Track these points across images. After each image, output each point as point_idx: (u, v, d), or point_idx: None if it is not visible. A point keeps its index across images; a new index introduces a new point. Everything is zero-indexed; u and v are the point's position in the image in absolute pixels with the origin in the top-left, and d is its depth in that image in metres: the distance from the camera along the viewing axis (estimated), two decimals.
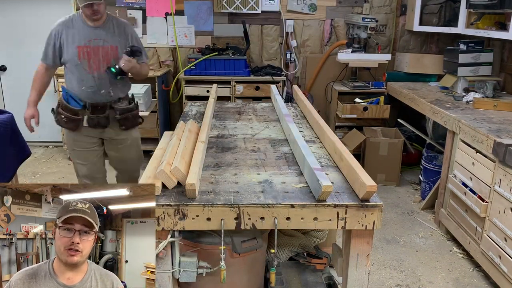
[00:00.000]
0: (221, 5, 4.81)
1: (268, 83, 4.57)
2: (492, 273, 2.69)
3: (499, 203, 2.58)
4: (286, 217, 1.60)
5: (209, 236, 1.88)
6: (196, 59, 4.62)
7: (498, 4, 3.32)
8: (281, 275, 2.32)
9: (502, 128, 2.85)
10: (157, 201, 1.58)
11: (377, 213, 1.60)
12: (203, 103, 3.21)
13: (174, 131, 2.24)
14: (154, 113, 4.68)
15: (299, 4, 4.88)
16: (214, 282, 1.80)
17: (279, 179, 1.82)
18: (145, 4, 4.88)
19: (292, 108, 3.14)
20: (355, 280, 1.70)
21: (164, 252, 1.63)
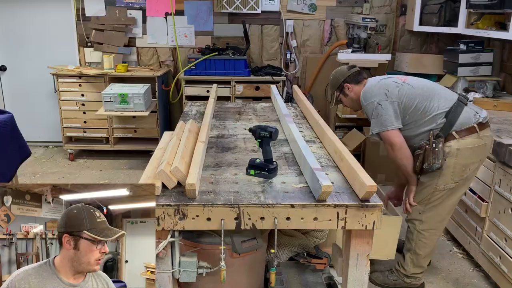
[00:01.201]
0: (221, 5, 4.81)
1: (268, 83, 4.57)
2: (492, 273, 2.69)
3: (499, 203, 2.58)
4: (286, 217, 1.60)
5: (209, 236, 1.88)
6: (196, 59, 4.62)
7: (498, 4, 3.32)
8: (281, 275, 2.33)
9: (502, 128, 2.85)
10: (157, 201, 1.58)
11: (377, 213, 1.60)
12: (203, 103, 3.21)
13: (174, 131, 2.24)
14: (154, 113, 4.68)
15: (299, 4, 4.88)
16: (214, 282, 1.80)
17: (279, 179, 1.82)
18: (145, 4, 4.88)
19: (292, 108, 3.14)
20: (355, 280, 1.70)
21: (164, 252, 1.63)
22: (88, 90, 4.70)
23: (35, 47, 5.10)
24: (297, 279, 2.33)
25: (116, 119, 4.73)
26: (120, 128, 4.78)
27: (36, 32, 5.04)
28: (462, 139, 2.29)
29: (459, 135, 2.29)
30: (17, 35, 5.05)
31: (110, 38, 4.95)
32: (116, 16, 4.91)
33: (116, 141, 4.84)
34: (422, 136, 2.35)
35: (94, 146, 4.89)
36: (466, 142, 2.30)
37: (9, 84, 5.21)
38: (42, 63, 4.93)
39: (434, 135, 2.31)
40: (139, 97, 4.29)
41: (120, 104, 4.29)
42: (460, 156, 2.30)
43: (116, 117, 4.67)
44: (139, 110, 4.34)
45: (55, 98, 4.88)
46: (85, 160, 4.90)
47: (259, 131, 1.88)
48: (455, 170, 2.32)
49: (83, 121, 4.77)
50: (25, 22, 5.01)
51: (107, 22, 4.92)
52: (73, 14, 4.93)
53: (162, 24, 4.95)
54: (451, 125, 2.29)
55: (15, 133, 2.83)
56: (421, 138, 2.36)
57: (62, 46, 5.06)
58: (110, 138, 4.80)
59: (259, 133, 1.88)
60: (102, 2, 4.88)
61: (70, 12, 4.94)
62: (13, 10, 4.97)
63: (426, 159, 2.29)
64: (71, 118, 4.76)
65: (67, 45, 5.05)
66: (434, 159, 2.27)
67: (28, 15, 4.98)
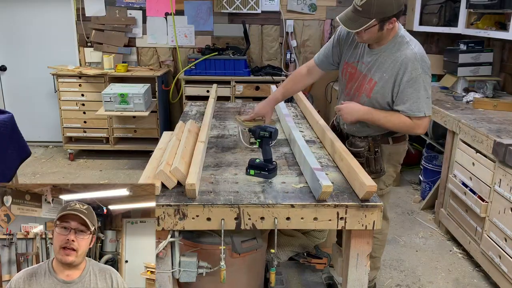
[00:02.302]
0: (221, 5, 4.81)
1: (268, 83, 4.57)
2: (492, 273, 2.69)
3: (499, 203, 2.58)
4: (286, 217, 1.60)
5: (209, 236, 1.88)
6: (196, 59, 4.62)
7: (498, 4, 3.31)
8: (281, 275, 2.33)
9: (502, 128, 2.85)
10: (157, 201, 1.58)
11: (377, 213, 1.60)
12: (203, 103, 3.21)
13: (174, 131, 2.24)
14: (154, 113, 4.68)
15: (299, 4, 4.88)
16: (214, 282, 1.80)
17: (279, 179, 1.82)
18: (145, 4, 4.88)
19: (292, 108, 3.14)
20: (355, 280, 1.70)
21: (164, 252, 1.63)
22: (88, 90, 4.70)
23: (35, 47, 5.10)
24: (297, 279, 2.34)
25: (116, 119, 4.73)
26: (120, 128, 4.78)
27: (36, 32, 5.04)
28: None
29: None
30: (17, 35, 5.05)
31: (110, 38, 4.95)
32: (116, 16, 4.91)
33: (116, 141, 4.84)
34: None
35: (94, 146, 4.89)
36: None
37: (9, 84, 5.21)
38: (42, 63, 4.93)
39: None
40: (139, 97, 4.29)
41: (120, 104, 4.29)
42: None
43: (116, 117, 4.67)
44: (139, 110, 4.34)
45: (55, 98, 4.88)
46: (85, 160, 4.90)
47: (258, 131, 1.88)
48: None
49: (83, 121, 4.77)
50: (25, 22, 5.01)
51: (107, 22, 4.92)
52: (73, 14, 4.93)
53: (162, 24, 4.95)
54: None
55: (15, 133, 2.83)
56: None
57: (62, 46, 5.06)
58: (110, 138, 4.80)
59: (258, 133, 1.88)
60: (102, 2, 4.88)
61: (70, 12, 4.94)
62: (13, 10, 4.97)
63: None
64: (71, 118, 4.76)
65: (67, 45, 5.05)
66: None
67: (28, 15, 4.98)
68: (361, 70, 2.15)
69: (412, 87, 2.00)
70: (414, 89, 2.00)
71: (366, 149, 2.19)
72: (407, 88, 2.01)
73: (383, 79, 2.06)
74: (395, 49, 2.07)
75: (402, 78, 2.01)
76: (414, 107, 2.01)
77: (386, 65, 2.06)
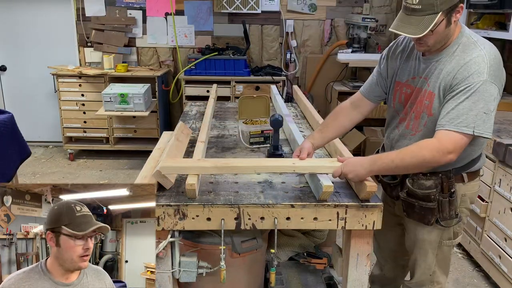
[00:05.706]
0: (221, 5, 4.81)
1: (268, 83, 4.56)
2: (492, 273, 2.69)
3: (499, 203, 2.58)
4: (286, 217, 1.60)
5: (209, 236, 1.88)
6: (196, 59, 4.62)
7: (498, 4, 3.31)
8: (281, 275, 2.32)
9: (502, 128, 2.85)
10: (157, 201, 1.58)
11: (377, 213, 1.60)
12: (203, 103, 3.21)
13: (174, 132, 2.24)
14: (154, 113, 4.69)
15: (299, 4, 4.88)
16: (214, 282, 1.79)
17: (279, 179, 1.82)
18: (145, 4, 4.88)
19: (292, 108, 3.14)
20: (355, 280, 1.70)
21: (164, 252, 1.62)
22: (88, 90, 4.70)
23: (35, 47, 5.09)
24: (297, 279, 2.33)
25: (116, 119, 4.73)
26: (120, 128, 4.78)
27: (36, 32, 5.04)
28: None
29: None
30: (17, 35, 5.05)
31: (110, 38, 4.95)
32: (116, 16, 4.91)
33: (116, 141, 4.84)
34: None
35: (94, 146, 4.89)
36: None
37: (9, 84, 5.21)
38: (42, 63, 4.93)
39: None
40: (139, 97, 4.29)
41: (120, 104, 4.29)
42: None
43: (116, 117, 4.67)
44: (139, 110, 4.34)
45: (55, 98, 4.88)
46: (85, 160, 4.90)
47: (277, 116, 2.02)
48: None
49: (83, 121, 4.77)
50: (25, 22, 5.01)
51: (107, 22, 4.92)
52: (73, 14, 4.93)
53: (162, 24, 4.94)
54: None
55: (15, 133, 2.83)
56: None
57: (62, 46, 5.06)
58: (110, 138, 4.80)
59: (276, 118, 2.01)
60: (102, 2, 4.87)
61: (70, 12, 4.94)
62: (13, 10, 4.97)
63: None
64: (71, 118, 4.76)
65: (67, 45, 5.05)
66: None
67: (28, 15, 4.98)
68: (417, 84, 1.72)
69: (466, 94, 1.53)
70: (470, 99, 1.52)
71: (438, 190, 1.67)
72: (460, 96, 1.54)
73: (441, 88, 1.62)
74: (459, 51, 1.61)
75: (458, 83, 1.56)
76: (461, 119, 1.52)
77: (445, 71, 1.61)
